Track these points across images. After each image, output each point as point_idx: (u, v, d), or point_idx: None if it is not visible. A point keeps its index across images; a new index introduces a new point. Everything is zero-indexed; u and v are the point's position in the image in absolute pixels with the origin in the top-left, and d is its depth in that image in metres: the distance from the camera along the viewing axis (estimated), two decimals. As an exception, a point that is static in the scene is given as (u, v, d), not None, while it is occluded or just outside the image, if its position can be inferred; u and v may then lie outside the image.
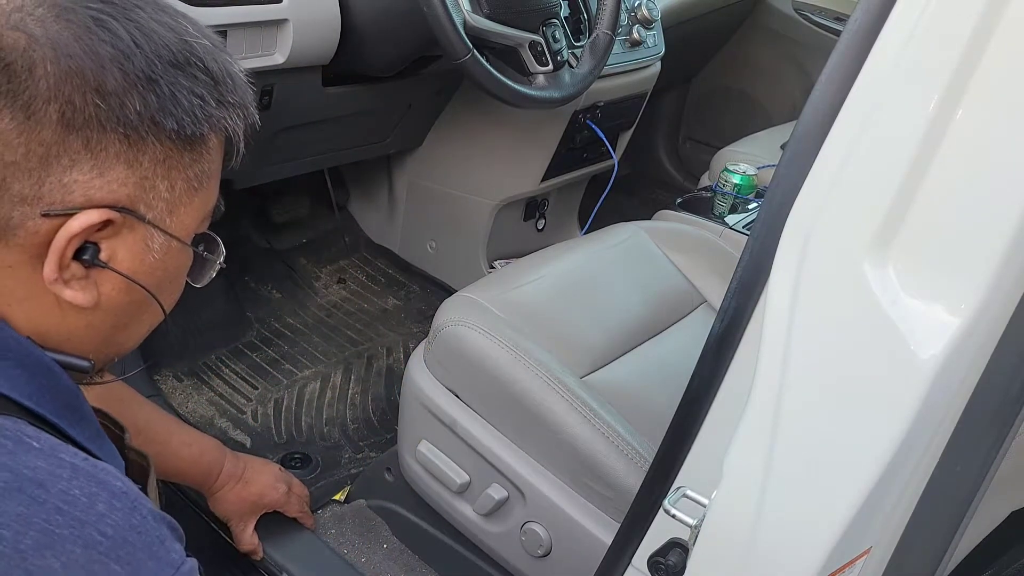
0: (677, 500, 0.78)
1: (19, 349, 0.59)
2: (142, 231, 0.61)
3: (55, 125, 0.55)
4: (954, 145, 0.60)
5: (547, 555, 1.18)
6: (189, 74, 0.59)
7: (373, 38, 1.50)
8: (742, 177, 1.83)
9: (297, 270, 2.12)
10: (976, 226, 0.60)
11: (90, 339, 0.64)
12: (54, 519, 0.52)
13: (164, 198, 0.61)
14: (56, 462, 0.54)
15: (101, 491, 0.54)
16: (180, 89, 0.59)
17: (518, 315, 1.24)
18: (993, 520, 0.94)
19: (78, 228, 0.56)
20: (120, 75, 0.56)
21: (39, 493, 0.52)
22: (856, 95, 0.63)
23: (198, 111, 0.60)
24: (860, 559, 0.72)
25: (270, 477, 1.35)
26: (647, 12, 1.91)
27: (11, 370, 0.58)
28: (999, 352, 0.63)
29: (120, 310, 0.63)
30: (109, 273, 0.60)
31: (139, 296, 0.63)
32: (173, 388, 1.73)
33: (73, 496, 0.53)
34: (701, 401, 0.78)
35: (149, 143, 0.58)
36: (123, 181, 0.58)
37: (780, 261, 0.67)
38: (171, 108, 0.58)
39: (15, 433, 0.54)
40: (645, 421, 1.15)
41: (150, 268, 0.62)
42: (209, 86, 0.61)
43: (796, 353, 0.66)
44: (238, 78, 0.64)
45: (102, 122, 0.56)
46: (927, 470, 0.69)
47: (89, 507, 0.53)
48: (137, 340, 0.69)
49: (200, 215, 0.65)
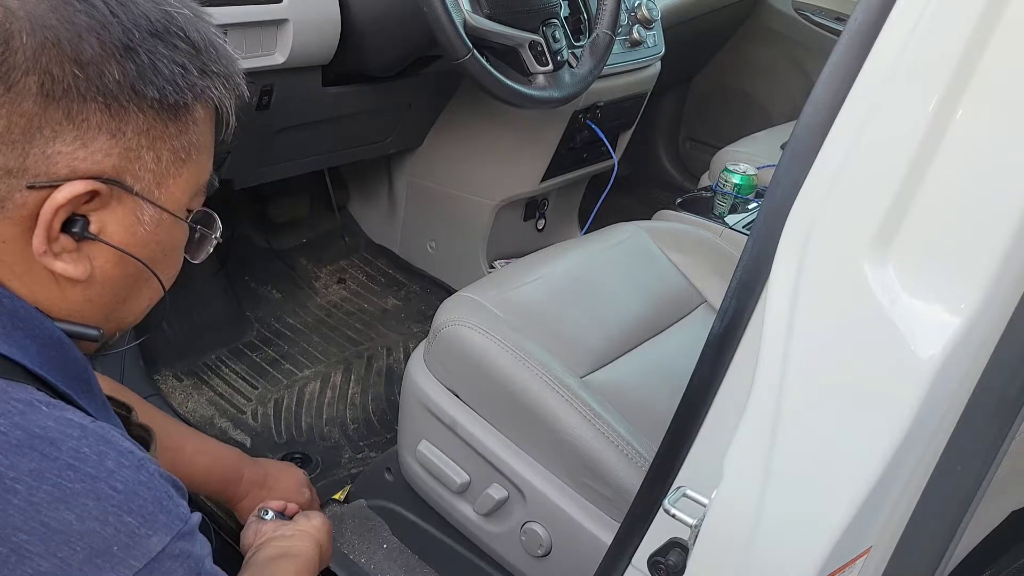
0: (677, 500, 0.78)
1: (31, 320, 0.60)
2: (131, 203, 0.61)
3: (35, 96, 0.55)
4: (954, 145, 0.60)
5: (547, 555, 1.18)
6: (169, 43, 0.59)
7: (373, 38, 1.50)
8: (742, 177, 1.83)
9: (297, 270, 2.12)
10: (976, 226, 0.60)
11: (91, 313, 0.64)
12: (66, 474, 0.54)
13: (151, 169, 0.61)
14: (65, 422, 0.56)
15: (109, 449, 0.56)
16: (160, 58, 0.59)
17: (518, 315, 1.24)
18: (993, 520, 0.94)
19: (63, 199, 0.57)
20: (97, 44, 0.56)
21: (50, 450, 0.54)
22: (856, 95, 0.63)
23: (180, 80, 0.60)
24: (860, 559, 0.72)
25: (293, 482, 1.33)
26: (647, 12, 1.91)
27: (23, 340, 0.59)
28: (999, 352, 0.63)
29: (117, 283, 0.64)
30: (101, 246, 0.61)
31: (134, 269, 0.64)
32: (173, 388, 1.73)
33: (83, 453, 0.55)
34: (701, 401, 0.78)
35: (131, 113, 0.58)
36: (107, 152, 0.58)
37: (780, 261, 0.67)
38: (151, 77, 0.58)
39: (24, 396, 0.56)
40: (645, 421, 1.15)
41: (142, 240, 0.63)
42: (191, 55, 0.61)
43: (796, 353, 0.66)
44: (222, 48, 0.64)
45: (82, 92, 0.56)
46: (927, 470, 0.69)
47: (99, 463, 0.55)
48: (138, 314, 0.70)
49: (190, 188, 0.65)
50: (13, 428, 0.54)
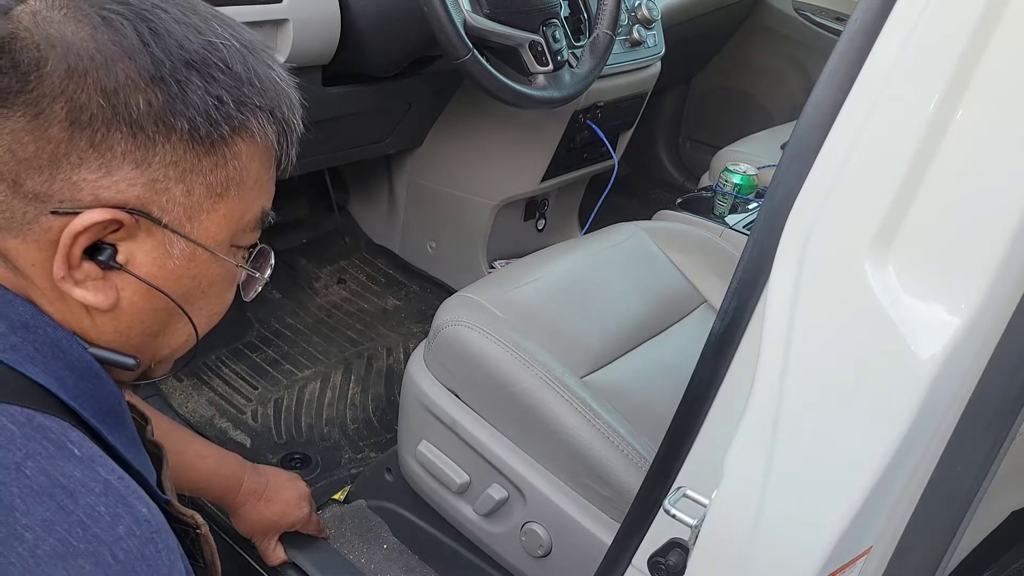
0: (677, 500, 0.78)
1: (71, 350, 0.59)
2: (160, 235, 0.60)
3: (62, 123, 0.55)
4: (954, 145, 0.60)
5: (547, 555, 1.18)
6: (206, 74, 0.58)
7: (373, 38, 1.50)
8: (742, 177, 1.83)
9: (297, 270, 2.12)
10: (976, 226, 0.60)
11: (122, 346, 0.63)
12: (75, 532, 0.52)
13: (180, 203, 0.60)
14: (92, 475, 0.54)
15: (126, 514, 0.54)
16: (193, 89, 0.58)
17: (518, 315, 1.24)
18: (993, 520, 0.94)
19: (81, 226, 0.56)
20: (123, 74, 0.56)
21: (68, 503, 0.53)
22: (856, 95, 0.63)
23: (213, 112, 0.59)
24: (860, 559, 0.72)
25: (294, 494, 1.32)
26: (647, 12, 1.91)
27: (62, 371, 0.58)
28: (999, 352, 0.63)
29: (146, 316, 0.63)
30: (129, 277, 0.60)
31: (164, 303, 0.63)
32: (173, 388, 1.73)
33: (98, 513, 0.53)
34: (701, 401, 0.78)
35: (159, 143, 0.58)
36: (131, 181, 0.58)
37: (780, 261, 0.67)
38: (182, 108, 0.57)
39: (59, 437, 0.55)
40: (645, 421, 1.15)
41: (173, 275, 0.62)
42: (229, 87, 0.59)
43: (796, 353, 0.66)
44: (268, 81, 0.62)
45: (107, 120, 0.56)
46: (927, 470, 0.69)
47: (110, 527, 0.53)
48: (173, 350, 0.68)
49: (230, 224, 0.64)
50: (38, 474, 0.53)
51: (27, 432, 0.53)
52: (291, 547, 1.35)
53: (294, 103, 0.66)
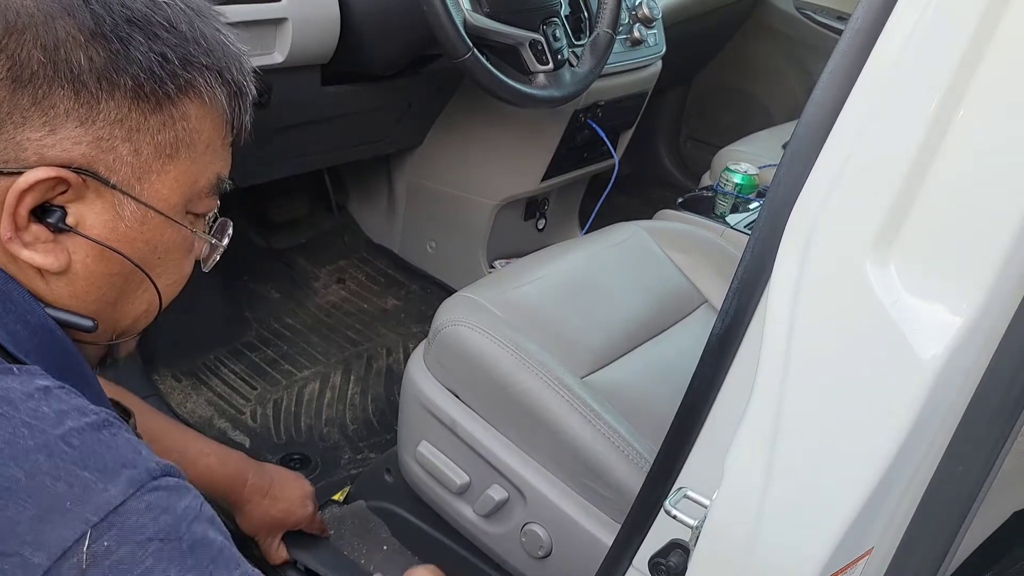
0: (678, 501, 0.78)
1: (24, 304, 0.59)
2: (110, 197, 0.59)
3: (3, 81, 0.54)
4: (956, 144, 0.59)
5: (547, 556, 1.18)
6: (149, 32, 0.58)
7: (373, 37, 1.49)
8: (743, 176, 1.82)
9: (296, 270, 2.11)
10: (978, 226, 0.60)
11: (80, 310, 0.63)
12: (20, 431, 0.51)
13: (128, 162, 0.59)
14: (32, 385, 0.54)
15: (71, 410, 0.54)
16: (136, 46, 0.57)
17: (518, 315, 1.24)
18: (995, 520, 0.94)
19: (25, 184, 0.56)
20: (63, 30, 0.55)
21: (8, 409, 0.52)
22: (857, 94, 0.63)
23: (157, 68, 0.58)
24: (862, 560, 0.72)
25: (299, 493, 1.31)
26: (648, 11, 1.91)
27: (14, 324, 0.58)
28: (1001, 352, 0.63)
29: (101, 281, 0.62)
30: (80, 239, 0.60)
31: (120, 267, 0.62)
32: (172, 388, 1.73)
33: (42, 412, 0.53)
34: (702, 401, 0.78)
35: (102, 100, 0.57)
36: (76, 140, 0.57)
37: (781, 261, 0.67)
38: (124, 64, 0.57)
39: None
40: (646, 422, 1.14)
41: (125, 238, 0.61)
42: (174, 44, 0.59)
43: (797, 353, 0.66)
44: (216, 41, 0.62)
45: (48, 78, 0.55)
46: (929, 470, 0.69)
47: (58, 422, 0.53)
48: (134, 319, 0.67)
49: (182, 187, 0.63)
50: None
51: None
52: (292, 546, 1.35)
53: (244, 67, 0.65)
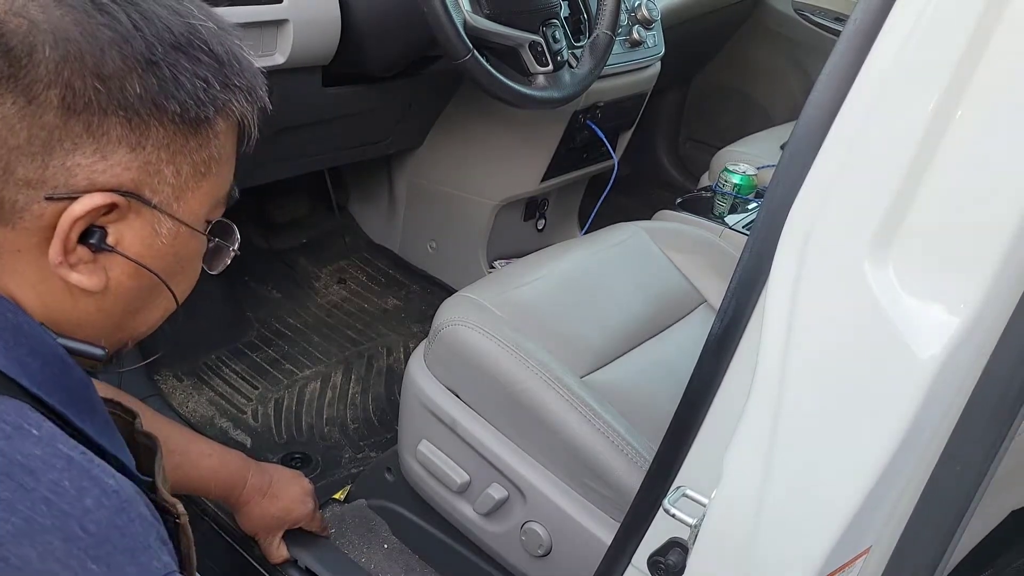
0: (677, 500, 0.78)
1: (34, 336, 0.59)
2: (149, 216, 0.61)
3: (56, 109, 0.55)
4: (954, 144, 0.60)
5: (547, 555, 1.18)
6: (192, 56, 0.59)
7: (373, 38, 1.50)
8: (742, 177, 1.83)
9: (297, 270, 2.12)
10: (976, 226, 0.60)
11: (102, 324, 0.64)
12: (39, 508, 0.51)
13: (170, 183, 0.61)
14: (52, 451, 0.54)
15: (92, 487, 0.53)
16: (182, 71, 0.59)
17: (518, 315, 1.24)
18: (993, 519, 0.94)
19: (81, 211, 0.57)
20: (119, 58, 0.56)
21: (28, 481, 0.52)
22: (855, 95, 0.63)
23: (202, 93, 0.60)
24: (860, 559, 0.72)
25: (298, 491, 1.31)
26: (647, 12, 1.91)
27: (25, 357, 0.58)
28: (999, 352, 0.63)
29: (131, 295, 0.63)
30: (117, 257, 0.61)
31: (148, 281, 0.63)
32: (173, 388, 1.73)
33: (63, 488, 0.52)
34: (701, 401, 0.78)
35: (152, 126, 0.58)
36: (127, 165, 0.58)
37: (780, 261, 0.67)
38: (173, 91, 0.58)
39: (16, 419, 0.54)
40: (645, 421, 1.15)
41: (159, 253, 0.63)
42: (213, 68, 0.61)
43: (796, 353, 0.66)
44: (245, 61, 0.64)
45: (103, 105, 0.56)
46: (927, 469, 0.69)
47: (76, 500, 0.52)
48: (150, 326, 0.69)
49: (209, 200, 0.65)
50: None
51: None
52: (293, 545, 1.35)
53: (263, 81, 0.67)
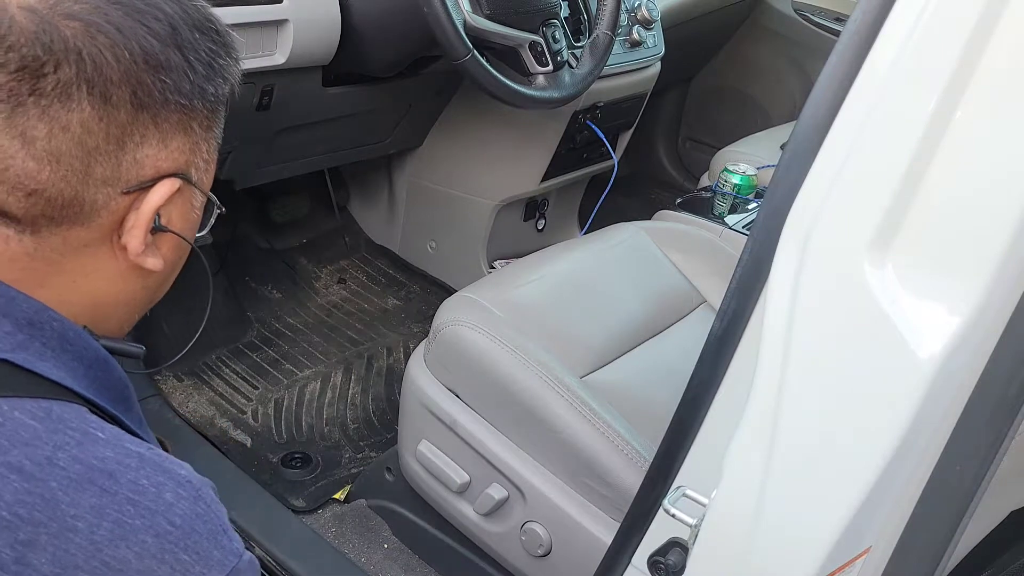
0: (677, 500, 0.78)
1: (79, 341, 0.61)
2: (188, 192, 0.63)
3: (127, 105, 0.57)
4: (953, 145, 0.60)
5: (547, 555, 1.18)
6: (218, 42, 0.62)
7: (373, 38, 1.50)
8: (742, 177, 1.83)
9: (297, 270, 2.12)
10: (975, 226, 0.60)
11: (142, 300, 0.67)
12: (126, 509, 0.53)
13: (204, 159, 0.64)
14: (123, 452, 0.56)
15: (167, 480, 0.56)
16: (214, 56, 0.62)
17: (518, 315, 1.24)
18: (993, 520, 0.94)
19: (159, 200, 0.60)
20: (176, 50, 0.59)
21: (109, 484, 0.54)
22: (855, 95, 0.63)
23: (225, 72, 0.63)
24: (859, 559, 0.72)
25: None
26: (647, 12, 1.91)
27: (72, 362, 0.60)
28: (999, 351, 0.64)
29: (170, 269, 0.67)
30: (165, 235, 0.63)
31: (184, 253, 0.67)
32: (173, 388, 1.73)
33: (142, 486, 0.55)
34: (701, 401, 0.78)
35: (197, 109, 0.61)
36: (182, 149, 0.61)
37: (780, 261, 0.67)
38: (211, 75, 0.61)
39: (80, 424, 0.56)
40: (645, 421, 1.15)
41: (192, 225, 0.66)
42: (229, 51, 0.63)
43: (796, 353, 0.67)
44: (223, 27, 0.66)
45: (167, 97, 0.58)
46: (927, 469, 0.69)
47: (158, 496, 0.55)
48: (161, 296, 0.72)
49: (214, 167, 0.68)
50: (72, 462, 0.53)
51: (49, 425, 0.54)
52: (294, 545, 1.36)
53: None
